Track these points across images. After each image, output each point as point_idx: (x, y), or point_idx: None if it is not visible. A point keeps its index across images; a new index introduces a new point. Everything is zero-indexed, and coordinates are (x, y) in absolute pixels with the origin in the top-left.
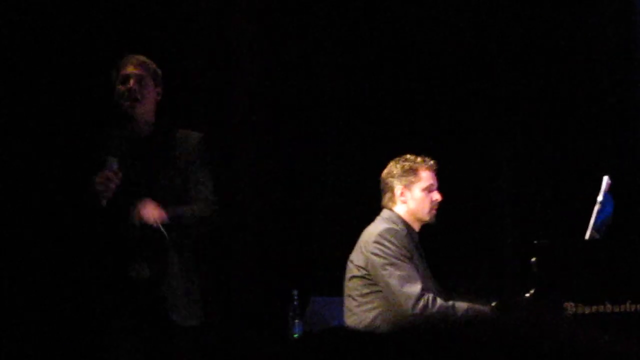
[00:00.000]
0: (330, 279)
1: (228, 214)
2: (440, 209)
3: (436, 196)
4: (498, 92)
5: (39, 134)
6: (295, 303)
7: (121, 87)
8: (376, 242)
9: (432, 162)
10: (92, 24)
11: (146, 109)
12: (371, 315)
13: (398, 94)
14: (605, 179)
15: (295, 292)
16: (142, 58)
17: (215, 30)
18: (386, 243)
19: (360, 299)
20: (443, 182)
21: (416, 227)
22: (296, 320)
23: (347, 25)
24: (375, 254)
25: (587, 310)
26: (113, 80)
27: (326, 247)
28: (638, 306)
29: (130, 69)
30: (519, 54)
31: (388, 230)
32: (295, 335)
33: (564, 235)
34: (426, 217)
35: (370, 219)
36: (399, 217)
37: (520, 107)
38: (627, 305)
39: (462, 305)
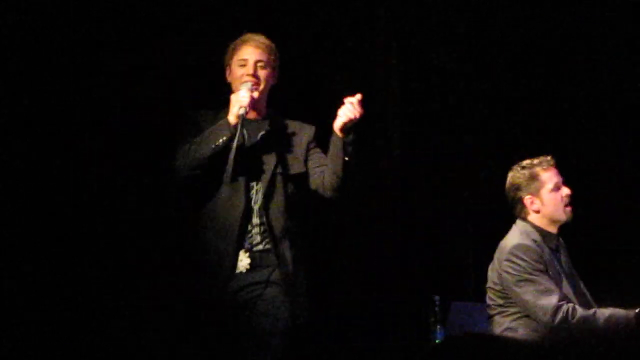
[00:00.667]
0: (472, 284)
1: (370, 220)
2: (585, 215)
3: (565, 191)
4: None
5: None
6: (436, 308)
7: (240, 71)
8: (507, 260)
9: (548, 158)
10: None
11: (262, 95)
12: (508, 320)
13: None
14: None
15: (437, 298)
16: (263, 39)
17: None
18: (516, 260)
19: (498, 308)
20: (588, 194)
21: (554, 230)
22: (438, 326)
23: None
24: (507, 272)
25: None
26: (227, 58)
27: (468, 253)
28: None
29: (251, 53)
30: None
31: (518, 246)
32: (437, 341)
33: None
34: (563, 217)
35: (509, 225)
36: (534, 226)
37: None
38: None
39: (603, 313)
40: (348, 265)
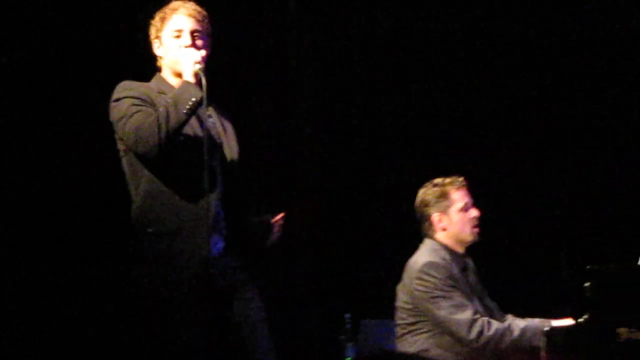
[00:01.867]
0: (383, 302)
1: (281, 237)
2: (493, 231)
3: (474, 213)
4: (553, 116)
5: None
6: (347, 326)
7: (176, 42)
8: (418, 278)
9: (460, 179)
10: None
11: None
12: (421, 339)
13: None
14: None
15: (347, 316)
16: (195, 6)
17: None
18: (427, 277)
19: (409, 327)
20: (500, 205)
21: (460, 249)
22: (349, 344)
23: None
24: (419, 290)
25: None
26: (155, 30)
27: (378, 270)
28: None
29: (186, 22)
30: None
31: (428, 264)
32: (348, 359)
33: (617, 260)
34: (469, 237)
35: (419, 242)
36: (442, 244)
37: (574, 126)
38: None
39: (518, 325)
40: (259, 282)
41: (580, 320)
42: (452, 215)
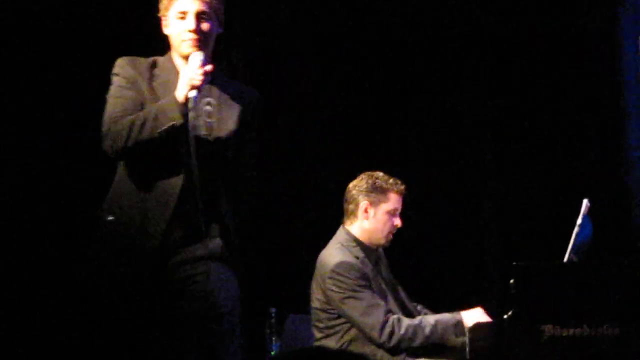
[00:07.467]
0: (308, 296)
1: None
2: (425, 229)
3: (397, 222)
4: (479, 113)
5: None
6: (272, 320)
7: (180, 26)
8: (331, 277)
9: (402, 186)
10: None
11: (207, 53)
12: (337, 345)
13: (380, 108)
14: (585, 202)
15: (272, 310)
16: None
17: None
18: (339, 277)
19: (326, 331)
20: (428, 201)
21: (373, 245)
22: (273, 338)
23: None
24: (332, 290)
25: (564, 333)
26: (162, 7)
27: (304, 264)
28: (615, 329)
29: (191, 3)
30: (502, 72)
31: (340, 264)
32: (273, 353)
33: (542, 257)
34: (382, 241)
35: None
36: (355, 238)
37: (502, 127)
38: (605, 328)
39: (429, 321)
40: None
41: (504, 317)
42: (378, 212)
